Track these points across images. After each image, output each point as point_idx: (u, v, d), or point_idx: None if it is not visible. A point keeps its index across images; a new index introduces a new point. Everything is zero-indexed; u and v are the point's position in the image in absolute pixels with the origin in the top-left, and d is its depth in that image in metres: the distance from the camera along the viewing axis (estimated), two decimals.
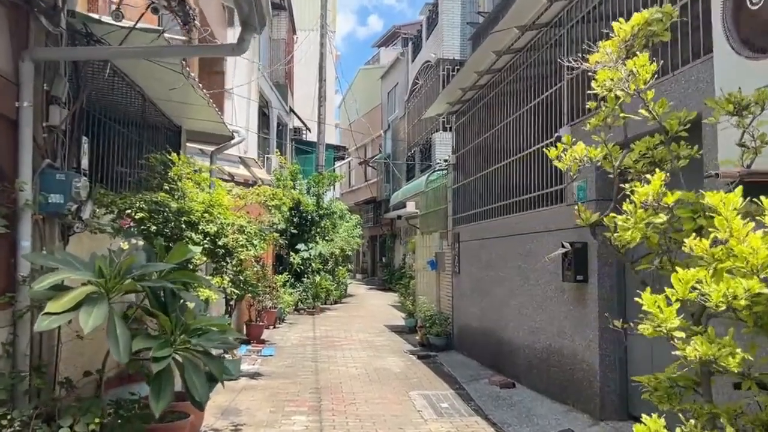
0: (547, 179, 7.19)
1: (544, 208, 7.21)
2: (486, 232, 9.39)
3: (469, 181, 10.52)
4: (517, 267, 7.98)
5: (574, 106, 6.49)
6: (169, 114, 7.82)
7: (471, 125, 10.54)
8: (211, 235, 4.87)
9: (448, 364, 9.98)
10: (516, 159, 8.33)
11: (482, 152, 9.89)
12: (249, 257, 5.14)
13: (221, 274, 5.18)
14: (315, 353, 11.19)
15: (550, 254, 6.39)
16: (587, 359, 6.06)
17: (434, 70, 16.32)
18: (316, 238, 19.38)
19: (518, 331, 7.94)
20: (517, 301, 8.00)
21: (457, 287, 11.08)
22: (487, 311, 9.31)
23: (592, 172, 6.02)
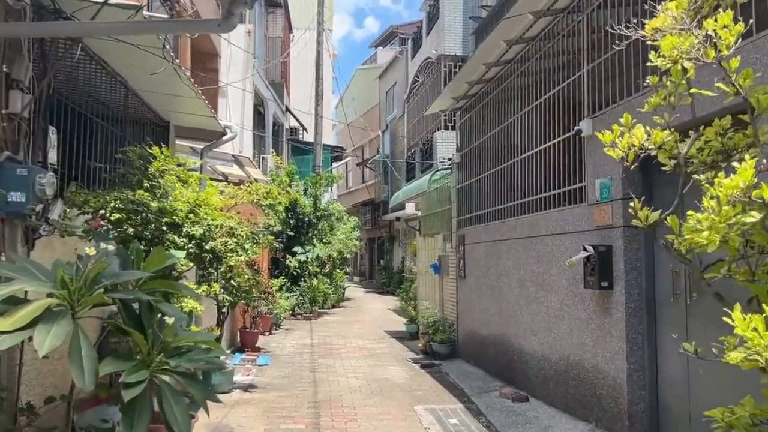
0: (563, 177, 6.66)
1: (561, 208, 6.68)
2: (494, 234, 8.85)
3: (475, 181, 9.99)
4: (530, 271, 7.44)
5: (596, 98, 5.95)
6: (155, 107, 7.27)
7: (477, 122, 10.01)
8: (196, 239, 4.32)
9: (454, 374, 9.42)
10: (528, 156, 7.80)
11: (490, 150, 9.36)
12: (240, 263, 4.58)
13: (209, 282, 4.63)
14: (313, 362, 10.63)
15: (570, 258, 5.85)
16: (612, 374, 5.52)
17: (435, 67, 15.81)
18: (313, 240, 18.83)
19: (531, 340, 7.40)
20: (529, 308, 7.46)
21: (462, 292, 10.54)
22: (495, 318, 8.77)
23: (618, 167, 5.49)
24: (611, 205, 5.56)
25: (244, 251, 4.75)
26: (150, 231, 4.06)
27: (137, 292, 3.47)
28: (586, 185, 6.08)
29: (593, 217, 5.87)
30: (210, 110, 7.24)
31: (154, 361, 3.34)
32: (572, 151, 6.45)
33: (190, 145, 10.37)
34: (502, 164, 8.79)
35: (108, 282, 3.36)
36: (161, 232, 4.10)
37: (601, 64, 5.88)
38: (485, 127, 9.61)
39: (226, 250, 4.47)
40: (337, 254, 20.17)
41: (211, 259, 4.48)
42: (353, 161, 35.27)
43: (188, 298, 4.14)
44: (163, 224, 4.09)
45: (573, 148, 6.42)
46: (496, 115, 9.10)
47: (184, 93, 6.48)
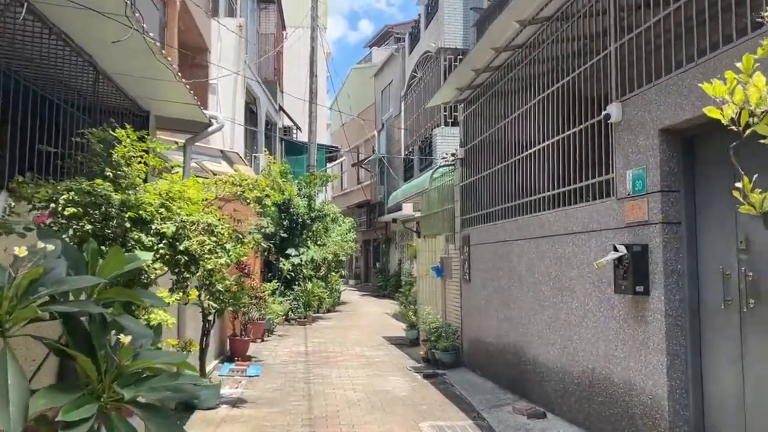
0: (585, 170, 5.99)
1: (583, 204, 6.01)
2: (503, 233, 8.18)
3: (480, 177, 9.31)
4: (547, 274, 6.77)
5: (626, 78, 5.28)
6: (132, 94, 6.56)
7: (483, 114, 9.34)
8: (168, 238, 3.63)
9: (460, 385, 8.73)
10: (541, 149, 7.13)
11: (497, 144, 8.69)
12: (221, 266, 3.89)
13: (184, 289, 3.94)
14: (307, 372, 9.92)
15: (599, 260, 5.17)
16: (649, 391, 4.84)
17: (434, 62, 15.16)
18: (307, 242, 18.12)
19: (548, 349, 6.73)
20: (546, 315, 6.79)
21: (467, 296, 9.86)
22: (505, 324, 8.09)
23: (654, 155, 4.82)
24: (646, 199, 4.89)
25: (226, 252, 4.05)
26: (112, 228, 3.36)
27: (87, 304, 2.77)
28: (615, 177, 5.41)
29: (624, 212, 5.20)
30: (192, 97, 6.54)
31: (106, 391, 2.65)
32: (596, 141, 5.78)
33: (175, 139, 9.67)
34: (511, 159, 8.12)
35: (48, 291, 2.66)
36: (124, 229, 3.40)
37: (632, 41, 5.22)
38: (492, 120, 8.94)
39: (204, 251, 3.77)
40: (333, 257, 19.46)
41: (186, 261, 3.79)
42: (348, 161, 34.60)
43: (158, 309, 3.46)
44: (125, 220, 3.40)
45: (597, 136, 5.76)
46: (504, 105, 8.44)
47: (162, 76, 5.78)
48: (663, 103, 4.71)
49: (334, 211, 21.04)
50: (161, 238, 3.65)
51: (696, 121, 4.41)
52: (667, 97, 4.65)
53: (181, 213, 3.74)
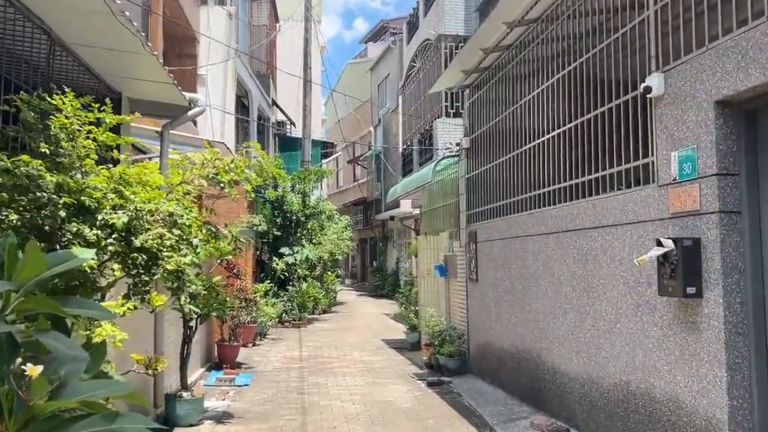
0: (617, 154, 5.24)
1: (615, 193, 5.26)
2: (516, 229, 7.43)
3: (489, 168, 8.56)
4: (570, 273, 6.02)
5: (670, 44, 4.53)
6: (99, 71, 5.77)
7: (491, 99, 8.58)
8: (119, 230, 2.87)
9: (468, 394, 7.98)
10: (561, 133, 6.38)
11: (507, 131, 7.94)
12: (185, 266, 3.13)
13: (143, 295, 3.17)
14: (301, 380, 9.15)
15: (641, 256, 4.42)
16: (703, 411, 4.10)
17: (434, 50, 14.41)
18: (302, 240, 17.34)
19: (571, 358, 5.98)
20: (569, 319, 6.04)
21: (474, 297, 9.11)
22: (519, 329, 7.35)
23: (708, 133, 4.07)
24: (698, 184, 4.14)
25: (192, 249, 3.28)
26: (43, 218, 2.61)
27: None
28: (655, 161, 4.66)
29: (668, 201, 4.45)
30: (167, 74, 5.76)
31: None
32: (629, 120, 5.03)
33: (156, 129, 8.89)
34: (524, 146, 7.37)
35: None
36: (58, 219, 2.64)
37: (677, 1, 4.46)
38: (501, 105, 8.19)
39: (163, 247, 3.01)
40: (328, 255, 18.69)
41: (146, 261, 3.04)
42: (344, 157, 33.84)
43: (106, 323, 2.70)
44: (59, 208, 2.63)
45: (632, 115, 5.01)
46: (515, 88, 7.69)
47: (130, 47, 5.01)
48: (720, 69, 3.96)
49: (329, 208, 20.26)
50: (110, 231, 2.89)
51: (763, 88, 3.66)
52: (727, 62, 3.90)
53: (135, 200, 2.98)
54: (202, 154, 4.19)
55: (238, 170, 4.33)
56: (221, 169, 4.13)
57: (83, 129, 3.02)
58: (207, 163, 4.11)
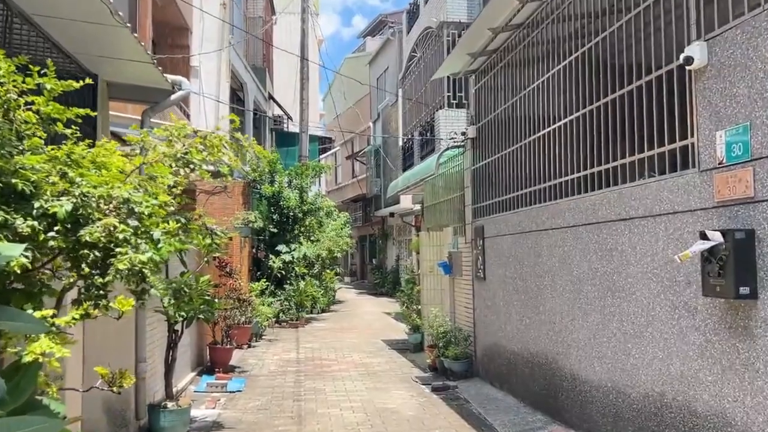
0: (648, 138, 4.68)
1: (646, 180, 4.71)
2: (528, 223, 6.87)
3: (497, 159, 8.00)
4: (591, 271, 5.46)
5: (716, 8, 3.96)
6: (69, 48, 5.20)
7: (499, 84, 8.02)
8: (63, 221, 2.32)
9: (477, 401, 7.43)
10: (579, 117, 5.82)
11: (517, 118, 7.38)
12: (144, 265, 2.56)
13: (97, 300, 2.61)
14: (298, 385, 8.59)
15: (684, 251, 3.86)
16: (759, 430, 3.54)
17: (436, 39, 13.83)
18: (299, 238, 16.76)
19: (592, 364, 5.43)
20: (590, 321, 5.48)
21: (482, 296, 8.55)
22: (531, 331, 6.79)
23: (766, 105, 3.51)
24: (751, 168, 3.59)
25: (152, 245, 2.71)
26: None
27: None
28: (697, 142, 4.10)
29: (714, 187, 3.89)
30: (145, 51, 5.19)
31: None
32: (663, 99, 4.47)
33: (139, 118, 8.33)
34: (536, 134, 6.82)
35: None
36: None
37: None
38: (510, 91, 7.62)
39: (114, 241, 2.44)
40: (327, 253, 18.12)
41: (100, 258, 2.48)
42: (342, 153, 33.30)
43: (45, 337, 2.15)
44: None
45: (666, 92, 4.44)
46: (527, 71, 7.12)
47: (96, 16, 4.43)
48: None
49: (328, 204, 19.69)
50: (53, 222, 2.34)
51: None
52: None
53: (83, 184, 2.42)
54: (165, 127, 3.59)
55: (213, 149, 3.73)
56: (192, 147, 3.54)
57: (20, 99, 2.46)
58: (174, 139, 3.50)
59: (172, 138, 3.50)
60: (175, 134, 3.54)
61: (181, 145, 3.48)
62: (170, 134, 3.52)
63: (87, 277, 2.57)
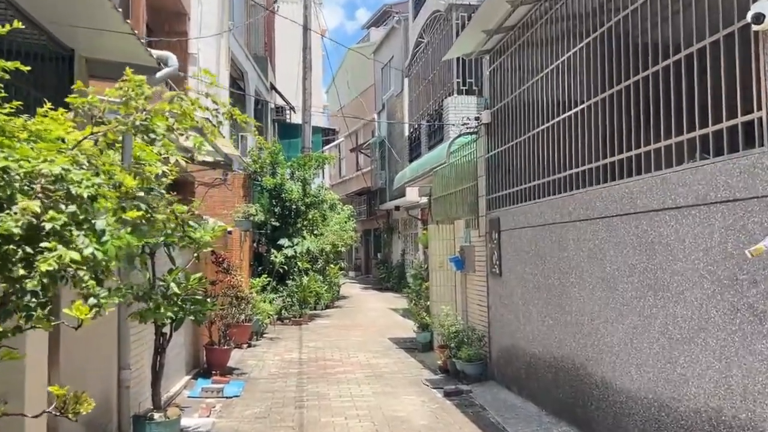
0: (701, 114, 4.06)
1: (697, 164, 4.09)
2: (551, 214, 6.26)
3: (514, 145, 7.38)
4: (628, 267, 4.85)
5: None
6: (41, 19, 4.60)
7: (517, 63, 7.39)
8: None
9: (494, 408, 6.84)
10: (612, 95, 5.19)
11: (539, 99, 6.76)
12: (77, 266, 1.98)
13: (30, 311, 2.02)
14: (300, 390, 8.02)
15: (757, 245, 3.24)
16: None
17: (444, 22, 13.17)
18: (302, 231, 16.16)
19: (630, 371, 4.82)
20: (626, 324, 4.87)
21: (497, 294, 7.95)
22: (557, 332, 6.19)
23: None
24: None
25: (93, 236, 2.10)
26: None
27: None
28: (765, 116, 3.47)
29: None
30: (125, 22, 4.58)
31: None
32: (722, 68, 3.84)
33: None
34: (560, 116, 6.19)
35: None
36: None
37: None
38: (530, 70, 6.99)
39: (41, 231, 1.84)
40: (331, 247, 17.52)
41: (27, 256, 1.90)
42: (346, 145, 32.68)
43: None
44: None
45: (724, 60, 3.81)
46: (549, 48, 6.49)
47: None
48: None
49: (331, 197, 19.08)
50: None
51: None
52: None
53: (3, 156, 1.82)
54: (119, 86, 2.92)
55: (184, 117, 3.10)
56: (156, 114, 2.89)
57: None
58: (132, 100, 2.83)
59: (129, 98, 2.83)
60: (132, 93, 2.87)
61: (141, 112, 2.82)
62: (125, 93, 2.86)
63: (16, 281, 1.99)
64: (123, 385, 5.21)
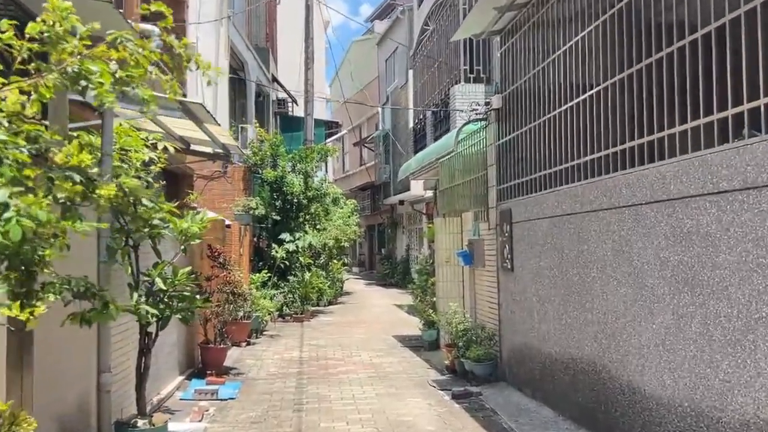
0: (753, 84, 3.56)
1: (746, 142, 3.59)
2: (571, 203, 5.77)
3: (528, 130, 6.90)
4: (659, 260, 4.37)
5: None
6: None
7: (531, 43, 6.89)
8: None
9: (506, 412, 6.36)
10: (644, 67, 4.70)
11: (555, 80, 6.26)
12: None
13: None
14: (299, 391, 7.57)
15: None
16: None
17: (451, 8, 12.67)
18: (304, 226, 15.70)
19: (662, 376, 4.34)
20: (658, 323, 4.39)
21: (509, 290, 7.47)
22: (575, 332, 5.71)
23: None
24: None
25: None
26: None
27: None
28: None
29: None
30: None
31: None
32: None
33: None
34: (579, 97, 5.70)
35: None
36: None
37: None
38: (545, 49, 6.50)
39: None
40: (334, 242, 17.07)
41: None
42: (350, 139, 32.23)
43: None
44: None
45: None
46: (565, 26, 6.00)
47: None
48: None
49: (334, 190, 18.62)
50: None
51: None
52: None
53: None
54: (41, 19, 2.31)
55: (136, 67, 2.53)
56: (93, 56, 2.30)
57: None
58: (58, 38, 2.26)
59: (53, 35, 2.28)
60: (60, 29, 2.32)
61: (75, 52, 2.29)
62: (50, 29, 2.29)
63: None
64: (103, 389, 4.76)
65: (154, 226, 5.06)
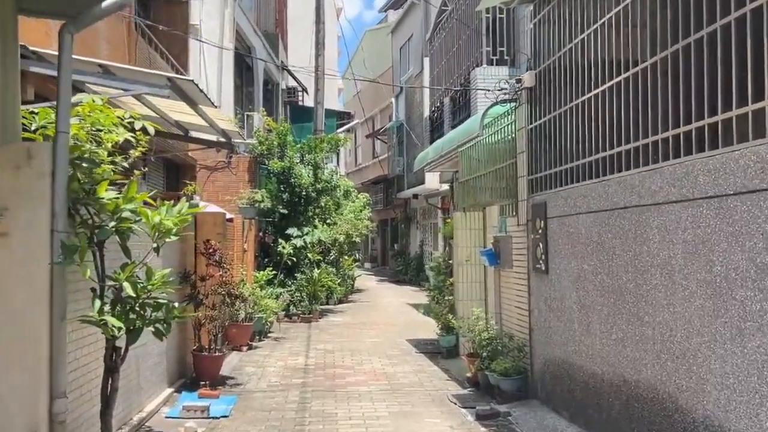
0: None
1: None
2: (624, 194, 4.81)
3: (567, 110, 5.93)
4: (753, 267, 3.40)
5: None
6: None
7: (571, 9, 5.91)
8: None
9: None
10: (737, 19, 3.72)
11: (602, 50, 5.28)
12: None
13: None
14: (303, 408, 6.68)
15: None
16: None
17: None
18: (313, 220, 14.85)
19: (756, 415, 3.39)
20: (749, 347, 3.43)
21: (542, 295, 6.52)
22: (628, 349, 4.76)
23: None
24: None
25: None
26: None
27: None
28: None
29: None
30: None
31: None
32: None
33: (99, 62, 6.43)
34: (637, 66, 4.73)
35: None
36: None
37: None
38: (588, 16, 5.52)
39: None
40: (345, 238, 16.19)
41: None
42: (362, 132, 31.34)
43: None
44: None
45: None
46: None
47: None
48: None
49: (345, 183, 17.73)
50: None
51: None
52: None
53: None
54: None
55: None
56: None
57: None
58: None
59: None
60: None
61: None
62: None
63: None
64: (56, 419, 3.88)
65: (123, 219, 4.20)
